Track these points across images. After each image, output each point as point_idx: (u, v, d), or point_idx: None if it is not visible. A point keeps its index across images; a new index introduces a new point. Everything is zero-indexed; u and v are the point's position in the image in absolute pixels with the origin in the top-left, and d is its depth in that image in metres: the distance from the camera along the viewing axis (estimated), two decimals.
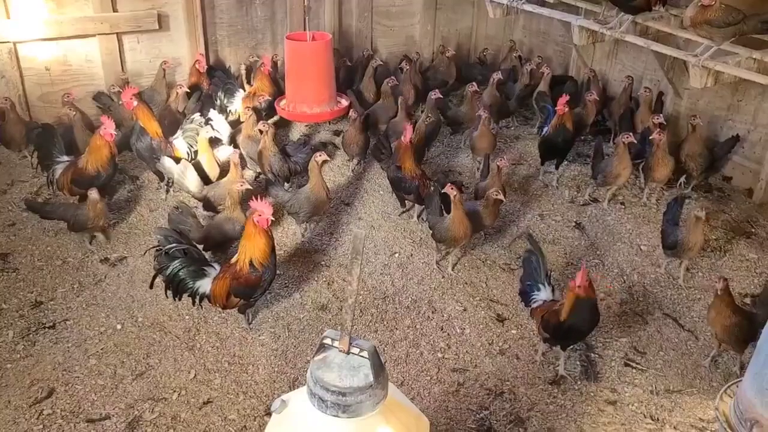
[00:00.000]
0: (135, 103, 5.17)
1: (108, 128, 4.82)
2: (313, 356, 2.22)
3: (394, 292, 4.45)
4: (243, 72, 6.69)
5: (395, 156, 5.19)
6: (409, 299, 4.40)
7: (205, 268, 3.94)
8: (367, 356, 2.15)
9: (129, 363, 3.77)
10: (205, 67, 6.42)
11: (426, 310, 4.30)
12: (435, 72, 7.20)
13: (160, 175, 5.35)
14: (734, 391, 3.11)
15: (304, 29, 6.55)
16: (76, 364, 3.75)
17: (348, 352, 2.19)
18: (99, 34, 6.08)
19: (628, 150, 5.21)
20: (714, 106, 5.87)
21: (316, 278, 4.56)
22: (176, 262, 3.86)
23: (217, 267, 3.97)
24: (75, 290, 4.34)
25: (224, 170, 5.17)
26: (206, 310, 4.17)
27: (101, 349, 3.87)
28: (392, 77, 6.34)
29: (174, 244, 3.89)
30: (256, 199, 3.89)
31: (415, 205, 5.23)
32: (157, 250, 3.92)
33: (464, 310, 4.32)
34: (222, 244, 4.56)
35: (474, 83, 6.23)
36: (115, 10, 6.09)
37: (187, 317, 4.14)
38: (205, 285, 3.90)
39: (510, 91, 6.73)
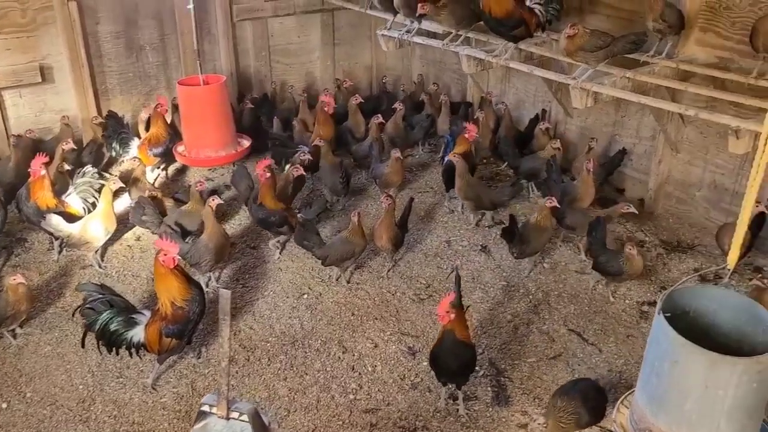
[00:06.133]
0: (42, 172, 4.92)
1: None
2: (192, 425, 2.11)
3: (304, 335, 4.36)
4: (143, 119, 6.47)
5: (254, 196, 5.19)
6: (319, 341, 4.31)
7: (134, 316, 3.83)
8: (248, 419, 2.06)
9: None
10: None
11: (336, 351, 4.22)
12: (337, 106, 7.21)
13: (53, 235, 5.06)
14: (630, 401, 3.19)
15: (199, 73, 6.43)
16: None
17: (228, 418, 2.10)
18: None
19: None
20: (601, 123, 6.16)
21: None
22: (104, 314, 3.74)
23: (147, 313, 3.85)
24: None
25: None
26: (102, 376, 3.94)
27: None
28: None
29: (98, 296, 3.78)
30: (162, 238, 3.79)
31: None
32: (82, 307, 3.79)
33: (375, 346, 4.27)
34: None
35: (378, 115, 6.27)
36: None
37: (81, 387, 3.89)
38: (138, 333, 3.78)
39: (413, 121, 6.82)
